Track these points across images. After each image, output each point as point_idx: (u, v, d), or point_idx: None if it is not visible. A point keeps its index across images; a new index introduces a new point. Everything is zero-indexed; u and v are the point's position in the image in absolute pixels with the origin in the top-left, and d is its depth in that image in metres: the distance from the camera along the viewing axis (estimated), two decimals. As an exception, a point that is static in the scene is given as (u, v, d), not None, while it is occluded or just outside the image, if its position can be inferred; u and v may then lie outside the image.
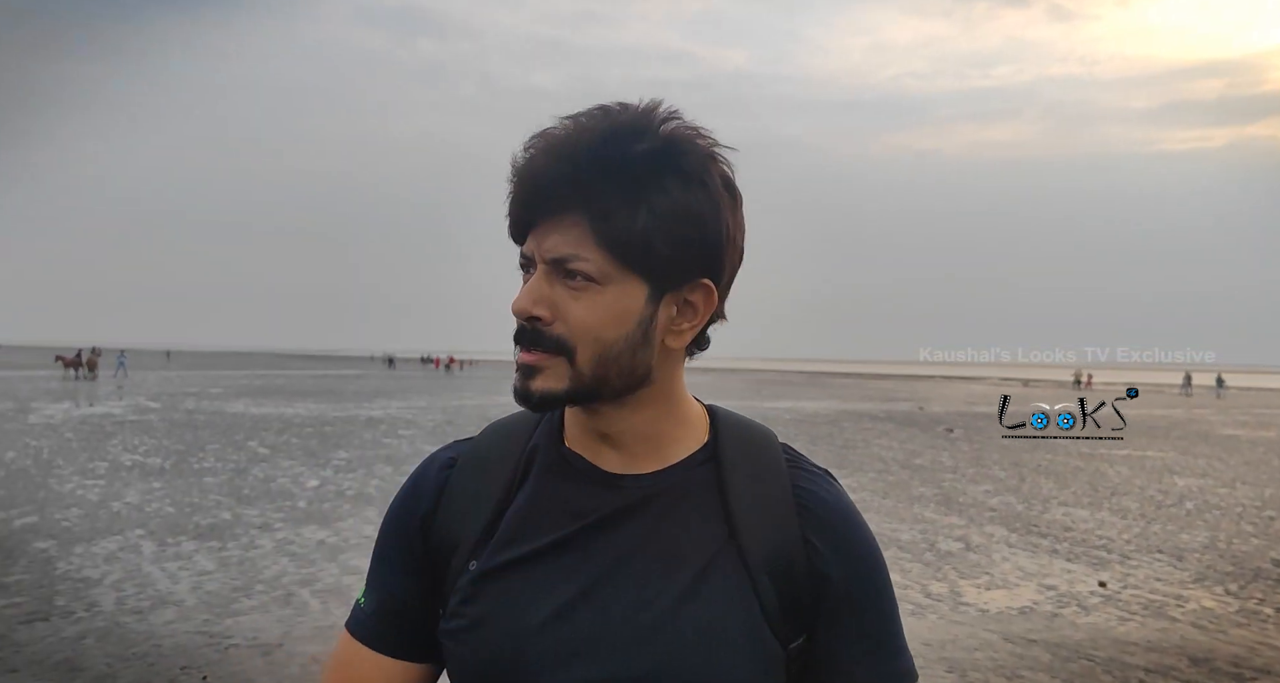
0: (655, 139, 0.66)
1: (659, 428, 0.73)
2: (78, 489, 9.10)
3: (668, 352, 0.71)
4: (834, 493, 0.75)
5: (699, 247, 0.67)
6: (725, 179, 0.69)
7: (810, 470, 0.77)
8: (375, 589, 0.81)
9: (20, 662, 4.24)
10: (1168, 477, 12.01)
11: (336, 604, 5.28)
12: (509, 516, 0.74)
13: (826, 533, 0.72)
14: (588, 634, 0.68)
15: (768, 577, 0.69)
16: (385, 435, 15.26)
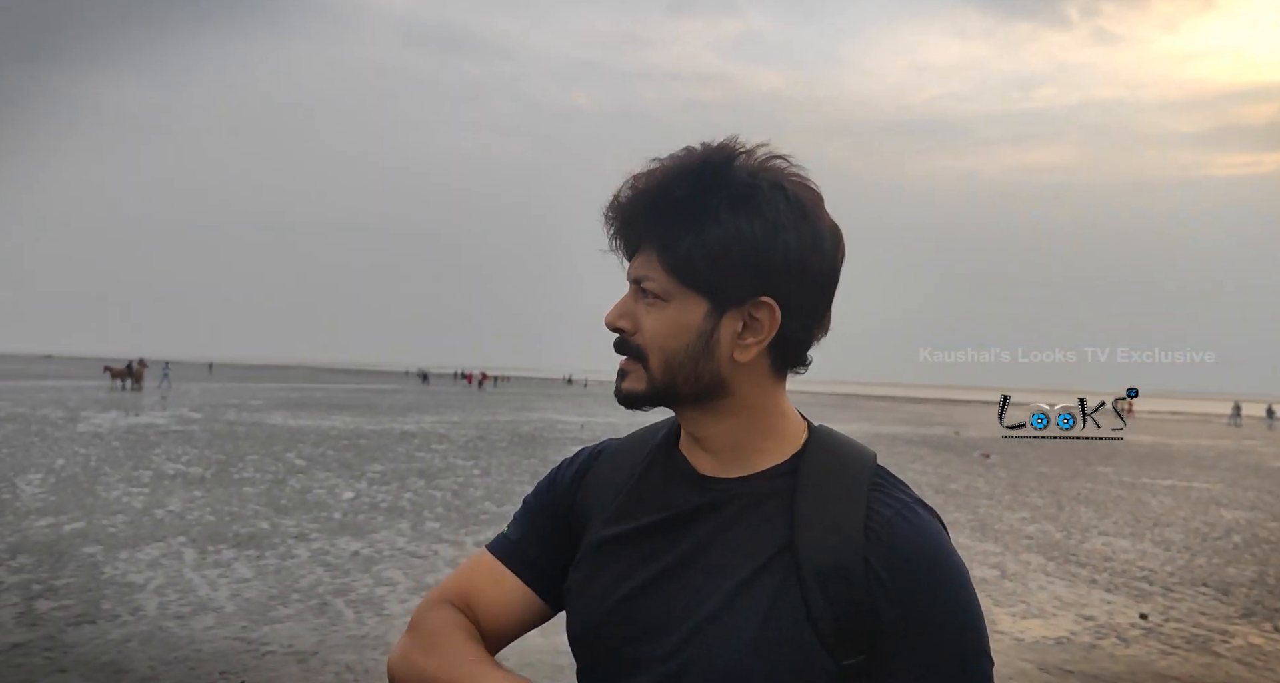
0: (714, 173, 0.75)
1: (744, 437, 0.79)
2: (123, 497, 9.36)
3: (742, 366, 0.77)
4: (914, 524, 0.73)
5: (752, 268, 0.74)
6: (793, 202, 0.75)
7: (895, 497, 0.75)
8: (519, 526, 0.92)
9: (69, 662, 4.38)
10: (1214, 508, 11.65)
11: (370, 614, 5.37)
12: (619, 499, 0.85)
13: (891, 561, 0.71)
14: (650, 620, 0.76)
15: (820, 589, 0.71)
16: (419, 449, 15.44)
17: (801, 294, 0.76)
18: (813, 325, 0.78)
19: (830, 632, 0.70)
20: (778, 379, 0.80)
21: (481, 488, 10.95)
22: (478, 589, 0.89)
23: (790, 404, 0.83)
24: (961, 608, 0.72)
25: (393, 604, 5.59)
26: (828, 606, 0.70)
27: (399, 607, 5.55)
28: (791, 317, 0.76)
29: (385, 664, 3.86)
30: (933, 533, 0.74)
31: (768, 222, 0.73)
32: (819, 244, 0.76)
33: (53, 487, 9.84)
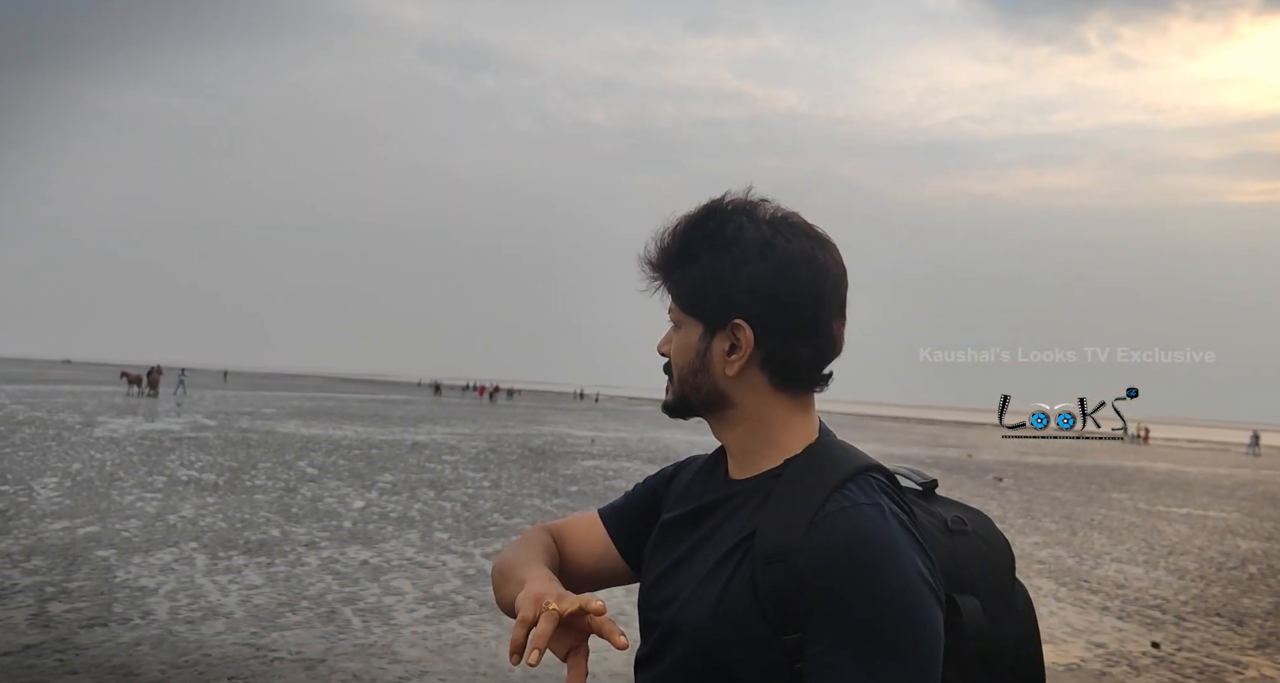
0: (699, 221, 0.91)
1: (749, 444, 0.92)
2: (137, 502, 9.45)
3: (737, 381, 0.89)
4: (853, 518, 0.78)
5: (722, 296, 0.88)
6: (761, 238, 0.88)
7: (851, 497, 0.80)
8: (625, 498, 1.11)
9: (80, 664, 4.43)
10: (1230, 538, 11.49)
11: (377, 623, 5.39)
12: (680, 492, 1.02)
13: (818, 547, 0.77)
14: (667, 593, 0.91)
15: (764, 570, 0.80)
16: (429, 460, 15.49)
17: (773, 316, 0.87)
18: (799, 344, 0.87)
19: (771, 608, 0.79)
20: (782, 395, 0.90)
21: (491, 500, 10.97)
22: (573, 530, 1.09)
23: (802, 417, 0.91)
24: (874, 598, 0.75)
25: (400, 614, 5.62)
26: (768, 585, 0.79)
27: (406, 616, 5.57)
28: (770, 336, 0.87)
29: (390, 674, 3.93)
30: (869, 527, 0.78)
31: (734, 256, 0.88)
32: (787, 271, 0.86)
33: (68, 491, 9.95)
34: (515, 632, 0.79)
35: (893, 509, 0.82)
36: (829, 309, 0.89)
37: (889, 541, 0.78)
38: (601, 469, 15.65)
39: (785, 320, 0.87)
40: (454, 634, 5.25)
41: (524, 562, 0.98)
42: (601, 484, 13.28)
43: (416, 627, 5.36)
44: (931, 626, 0.77)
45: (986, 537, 0.92)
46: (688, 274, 0.90)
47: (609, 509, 1.10)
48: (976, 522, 0.93)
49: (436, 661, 4.76)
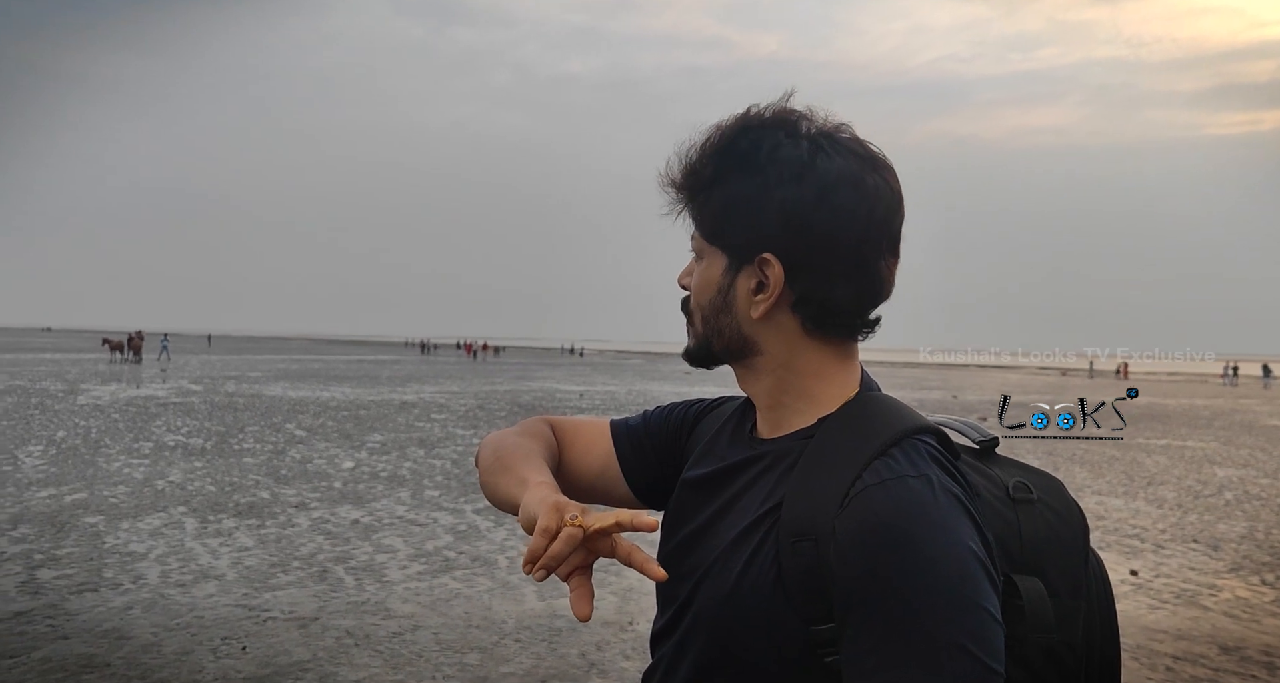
0: (724, 137, 0.79)
1: (779, 398, 0.80)
2: (124, 468, 9.42)
3: (765, 325, 0.78)
4: (893, 494, 0.67)
5: (750, 224, 0.76)
6: (799, 157, 0.75)
7: (894, 468, 0.69)
8: (642, 419, 1.01)
9: (71, 629, 4.44)
10: (1208, 467, 11.76)
11: (370, 581, 5.43)
12: (701, 447, 0.91)
13: (851, 528, 0.67)
14: (689, 566, 0.81)
15: (791, 549, 0.70)
16: (418, 419, 15.51)
17: (807, 250, 0.75)
18: (836, 284, 0.75)
19: (797, 593, 0.69)
20: (816, 341, 0.78)
21: (480, 456, 11.01)
22: (579, 436, 1.01)
23: (840, 368, 0.80)
24: (922, 585, 0.64)
25: (393, 571, 5.66)
26: (794, 567, 0.69)
27: (399, 573, 5.62)
28: (803, 274, 0.75)
29: (384, 629, 3.95)
30: (913, 504, 0.67)
31: (766, 177, 0.75)
32: (827, 199, 0.74)
33: (53, 458, 9.90)
34: (535, 541, 0.70)
35: (943, 481, 0.69)
36: (876, 244, 0.76)
37: (937, 519, 0.67)
38: (590, 421, 15.72)
39: (822, 256, 0.75)
40: (446, 589, 5.30)
41: (525, 455, 0.89)
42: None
43: (409, 583, 5.41)
44: (990, 614, 0.66)
45: (1055, 506, 0.80)
46: (712, 198, 0.78)
47: (622, 426, 0.99)
48: (1044, 488, 0.81)
49: (429, 615, 4.81)
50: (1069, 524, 0.79)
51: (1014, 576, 0.73)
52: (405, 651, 4.25)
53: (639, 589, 5.39)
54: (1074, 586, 0.77)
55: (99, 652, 4.13)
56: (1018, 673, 0.72)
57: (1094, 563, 0.81)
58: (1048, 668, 0.74)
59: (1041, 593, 0.73)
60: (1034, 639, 0.72)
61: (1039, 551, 0.76)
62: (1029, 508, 0.78)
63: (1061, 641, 0.74)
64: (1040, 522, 0.77)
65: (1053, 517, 0.78)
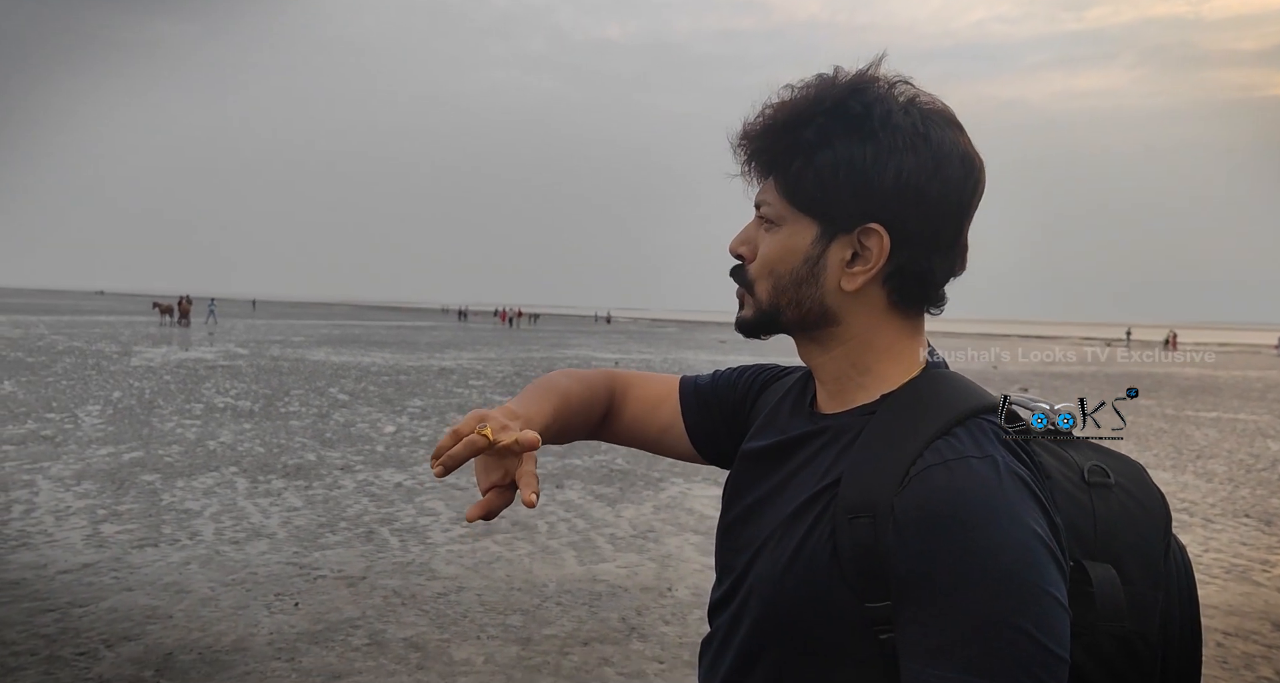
0: (834, 98, 0.75)
1: (844, 371, 0.79)
2: (177, 428, 9.73)
3: (851, 296, 0.76)
4: (955, 474, 0.66)
5: (859, 191, 0.73)
6: (913, 126, 0.73)
7: (958, 448, 0.68)
8: (712, 380, 1.02)
9: (135, 582, 4.64)
10: (1260, 440, 11.44)
11: (414, 542, 5.57)
12: (762, 418, 0.91)
13: (910, 508, 0.66)
14: (747, 538, 0.81)
15: (848, 526, 0.69)
16: (457, 385, 15.73)
17: (917, 222, 0.73)
18: (934, 257, 0.74)
19: (852, 570, 0.68)
20: (895, 315, 0.77)
21: (519, 421, 11.15)
22: (645, 390, 1.03)
23: (909, 343, 0.78)
24: (983, 568, 0.62)
25: (436, 534, 5.79)
26: (851, 544, 0.68)
27: (442, 536, 5.75)
28: (906, 246, 0.73)
29: (429, 590, 4.05)
30: (975, 485, 0.65)
31: (880, 144, 0.72)
32: (941, 170, 0.72)
33: (111, 417, 10.26)
34: (443, 440, 0.76)
35: (1009, 463, 0.68)
36: (968, 215, 0.76)
37: (1000, 501, 0.65)
38: (627, 388, 15.81)
39: (930, 228, 0.73)
40: (488, 553, 5.41)
41: (540, 390, 0.93)
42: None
43: (452, 546, 5.53)
44: (1054, 599, 0.64)
45: (1134, 491, 0.77)
46: (812, 162, 0.74)
47: (691, 386, 1.00)
48: (1123, 472, 0.78)
49: (473, 577, 4.92)
50: (1149, 512, 0.76)
51: (1085, 562, 0.71)
52: (450, 611, 4.36)
53: (677, 557, 5.45)
54: (1151, 575, 0.74)
55: (161, 604, 4.31)
56: (1088, 662, 0.70)
57: (1177, 555, 0.78)
58: (1120, 658, 0.72)
59: (1114, 580, 0.71)
60: (1104, 628, 0.70)
61: (1114, 537, 0.73)
62: (1105, 493, 0.75)
63: (1135, 631, 0.72)
64: (1117, 508, 0.74)
65: (1131, 503, 0.75)
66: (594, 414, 0.99)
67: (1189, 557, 0.80)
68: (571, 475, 7.85)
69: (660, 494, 7.22)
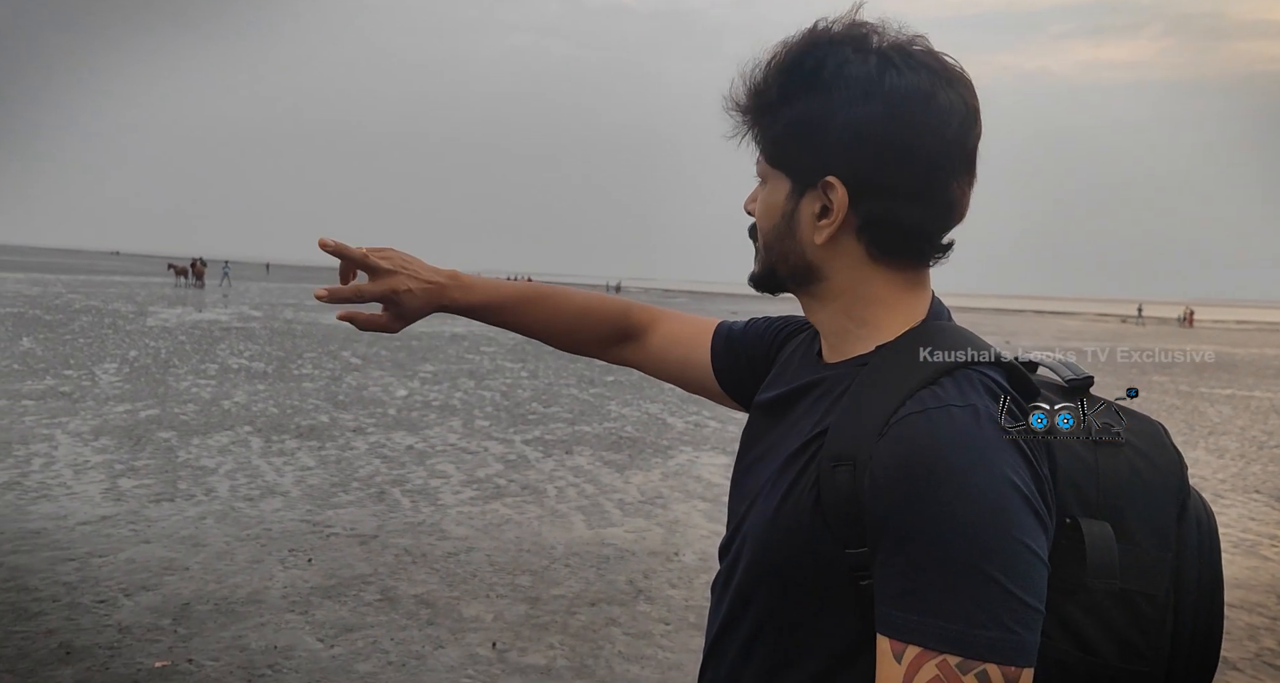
0: (790, 56, 0.76)
1: (840, 324, 0.80)
2: (192, 387, 9.85)
3: (829, 250, 0.76)
4: (933, 422, 0.66)
5: (815, 145, 0.74)
6: (869, 72, 0.72)
7: (943, 400, 0.67)
8: (745, 325, 1.04)
9: (152, 534, 4.74)
10: (1274, 418, 11.38)
11: (425, 503, 5.64)
12: (781, 362, 0.93)
13: (886, 455, 0.66)
14: (749, 487, 0.83)
15: (830, 474, 0.70)
16: (468, 351, 15.81)
17: (874, 172, 0.72)
18: (905, 207, 0.73)
19: (834, 517, 0.69)
20: (882, 267, 0.76)
21: (530, 390, 11.21)
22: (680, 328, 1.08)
23: (906, 296, 0.77)
24: (954, 514, 0.63)
25: (446, 495, 5.86)
26: (832, 491, 0.69)
27: (452, 498, 5.82)
28: (869, 197, 0.73)
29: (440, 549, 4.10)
30: (951, 432, 0.65)
31: (832, 97, 0.72)
32: (895, 117, 0.71)
33: (127, 376, 10.39)
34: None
35: (992, 412, 0.67)
36: (948, 163, 0.72)
37: (976, 449, 0.65)
38: (637, 356, 15.85)
39: (890, 177, 0.72)
40: (498, 515, 5.48)
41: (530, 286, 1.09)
42: (637, 374, 13.35)
43: (462, 508, 5.60)
44: (1027, 548, 0.63)
45: (1146, 450, 0.75)
46: (777, 119, 0.76)
47: (724, 330, 1.04)
48: (1137, 431, 0.76)
49: (482, 539, 4.99)
50: (1160, 471, 0.74)
51: (1082, 519, 0.69)
52: (460, 570, 4.43)
53: (685, 522, 5.50)
54: (1159, 536, 0.72)
55: (178, 556, 4.41)
56: (1088, 623, 0.70)
57: (1200, 519, 0.76)
58: (1123, 619, 0.70)
59: (1108, 538, 0.69)
60: (1095, 585, 0.68)
61: (1119, 495, 0.72)
62: (1112, 451, 0.73)
63: (1140, 592, 0.70)
64: (1124, 466, 0.73)
65: (1141, 462, 0.74)
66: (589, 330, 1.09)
67: (1215, 522, 0.78)
68: (581, 442, 7.91)
69: (669, 462, 7.27)
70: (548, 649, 3.56)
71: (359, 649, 3.46)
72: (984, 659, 0.61)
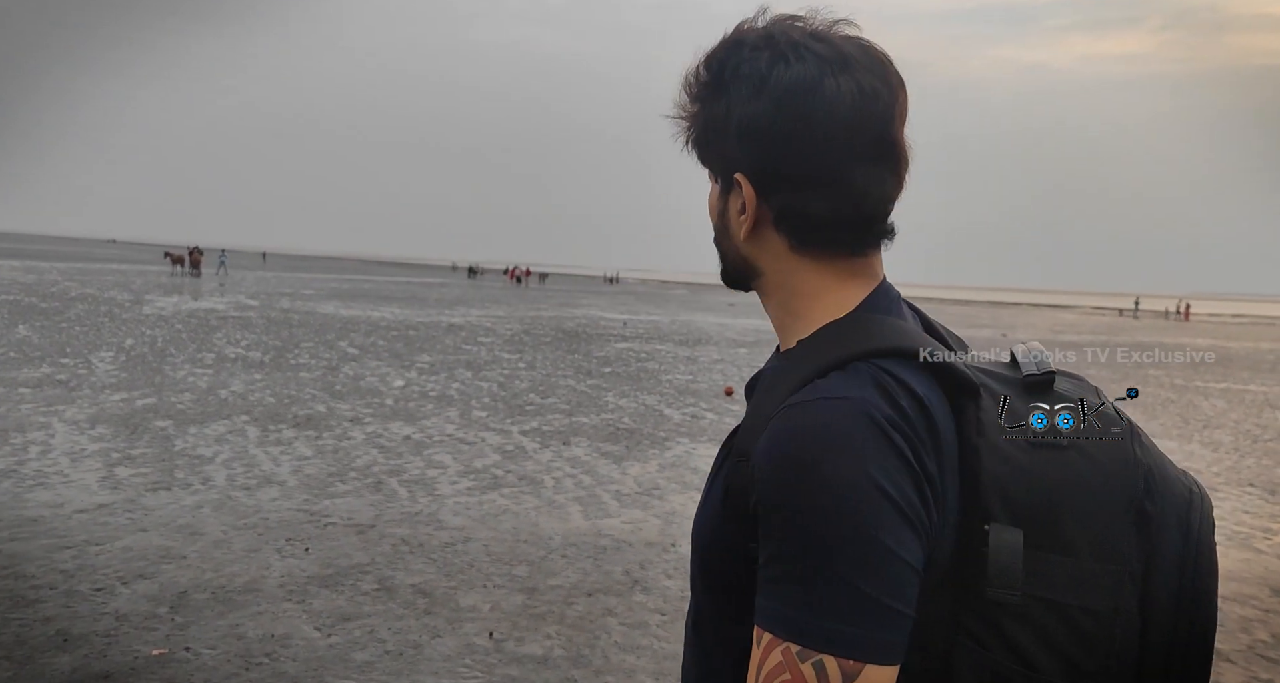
0: (706, 60, 0.78)
1: (780, 318, 0.81)
2: (189, 376, 9.83)
3: (754, 245, 0.78)
4: (809, 415, 0.66)
5: (718, 146, 0.77)
6: (754, 76, 0.74)
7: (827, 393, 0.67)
8: None
9: (149, 523, 4.74)
10: (1269, 411, 11.42)
11: (422, 493, 5.65)
12: None
13: (766, 446, 0.67)
14: None
15: (735, 469, 0.71)
16: (465, 342, 15.79)
17: (773, 164, 0.73)
18: (811, 197, 0.72)
19: (733, 512, 0.70)
20: (806, 259, 0.76)
21: (527, 380, 11.21)
22: None
23: (835, 287, 0.76)
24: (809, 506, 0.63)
25: (443, 485, 5.87)
26: (734, 487, 0.70)
27: (449, 488, 5.82)
28: (775, 190, 0.74)
29: (437, 539, 4.09)
30: (816, 424, 0.65)
31: (730, 98, 0.75)
32: (783, 110, 0.72)
33: (124, 364, 10.37)
34: None
35: (870, 406, 0.65)
36: (845, 150, 0.71)
37: (839, 440, 0.64)
38: (634, 351, 15.84)
39: (786, 168, 0.72)
40: (495, 505, 5.49)
41: None
42: (635, 366, 13.46)
43: (459, 498, 5.61)
44: (881, 543, 0.62)
45: (1095, 454, 0.70)
46: (694, 123, 0.79)
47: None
48: (1092, 433, 0.71)
49: (479, 528, 5.00)
50: (1107, 478, 0.69)
51: (994, 525, 0.66)
52: (457, 560, 4.44)
53: (681, 514, 5.52)
54: (1102, 546, 0.67)
55: (175, 545, 4.41)
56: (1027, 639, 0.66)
57: (1191, 528, 0.71)
58: (1062, 633, 0.66)
59: (1012, 546, 0.66)
60: (994, 596, 0.66)
61: (1054, 502, 0.67)
62: (1053, 454, 0.69)
63: (1079, 606, 0.66)
64: (1065, 471, 0.68)
65: (1085, 466, 0.69)
66: None
67: (1208, 533, 0.72)
68: (578, 433, 7.92)
69: (666, 453, 7.28)
70: (544, 639, 3.57)
71: (356, 639, 3.47)
72: (821, 650, 0.61)
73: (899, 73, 0.75)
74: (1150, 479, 0.70)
